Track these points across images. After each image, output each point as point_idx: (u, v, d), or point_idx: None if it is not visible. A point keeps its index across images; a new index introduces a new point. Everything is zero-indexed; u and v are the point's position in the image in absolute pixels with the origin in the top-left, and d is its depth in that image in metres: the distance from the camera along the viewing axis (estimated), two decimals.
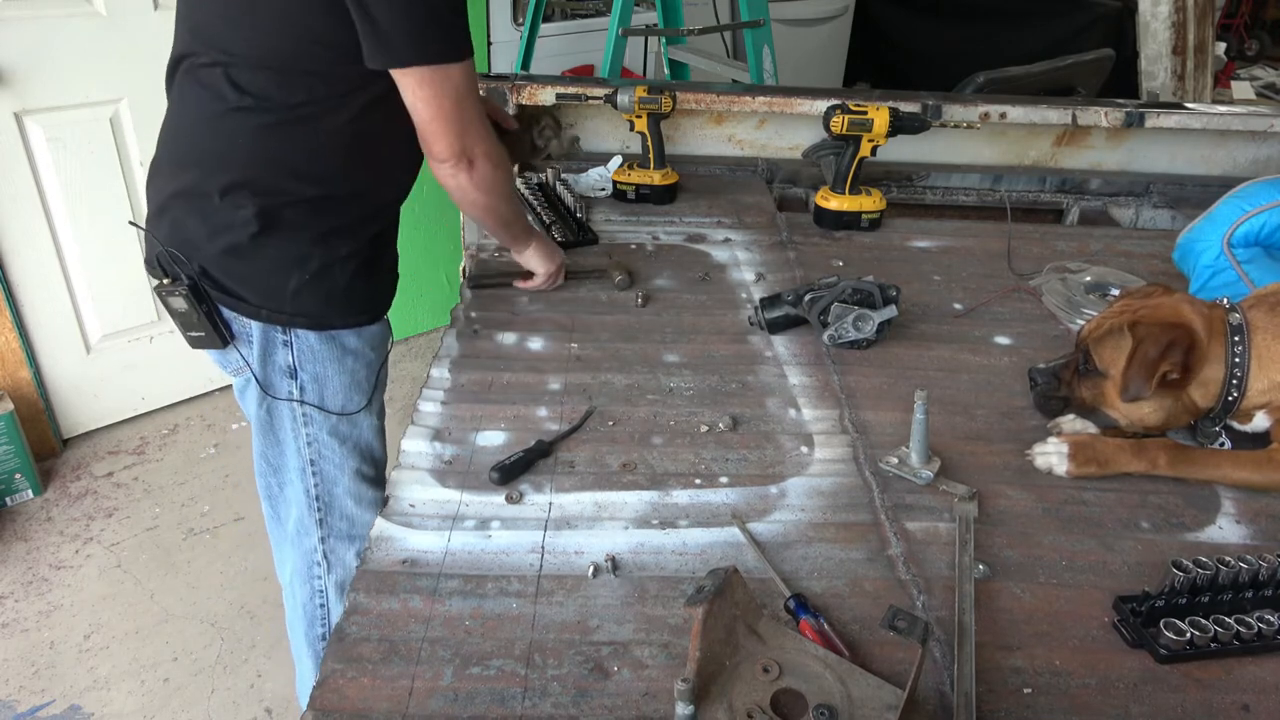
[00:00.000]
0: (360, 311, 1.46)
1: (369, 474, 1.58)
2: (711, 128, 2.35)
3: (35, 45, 2.53)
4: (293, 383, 1.44)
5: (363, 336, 1.48)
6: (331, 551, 1.59)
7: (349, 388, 1.48)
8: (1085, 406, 1.36)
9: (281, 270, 1.36)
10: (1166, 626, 0.99)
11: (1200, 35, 3.85)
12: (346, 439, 1.51)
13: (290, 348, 1.42)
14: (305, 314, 1.40)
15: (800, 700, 0.89)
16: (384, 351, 1.56)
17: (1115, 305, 1.41)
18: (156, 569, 2.57)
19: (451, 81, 1.26)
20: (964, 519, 1.18)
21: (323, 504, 1.55)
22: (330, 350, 1.44)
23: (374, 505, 1.56)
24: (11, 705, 2.16)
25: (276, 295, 1.37)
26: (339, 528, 1.58)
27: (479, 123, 1.34)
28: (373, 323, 1.49)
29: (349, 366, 1.47)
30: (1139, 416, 1.31)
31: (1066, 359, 1.39)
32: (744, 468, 1.27)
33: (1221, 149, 2.37)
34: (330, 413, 1.47)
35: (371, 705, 0.91)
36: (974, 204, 2.34)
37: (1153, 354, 1.24)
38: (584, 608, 1.03)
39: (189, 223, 1.34)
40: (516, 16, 3.52)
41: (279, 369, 1.43)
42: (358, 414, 1.50)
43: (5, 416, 2.67)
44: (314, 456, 1.51)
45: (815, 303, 1.54)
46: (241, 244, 1.32)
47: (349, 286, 1.41)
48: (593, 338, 1.56)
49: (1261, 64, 7.28)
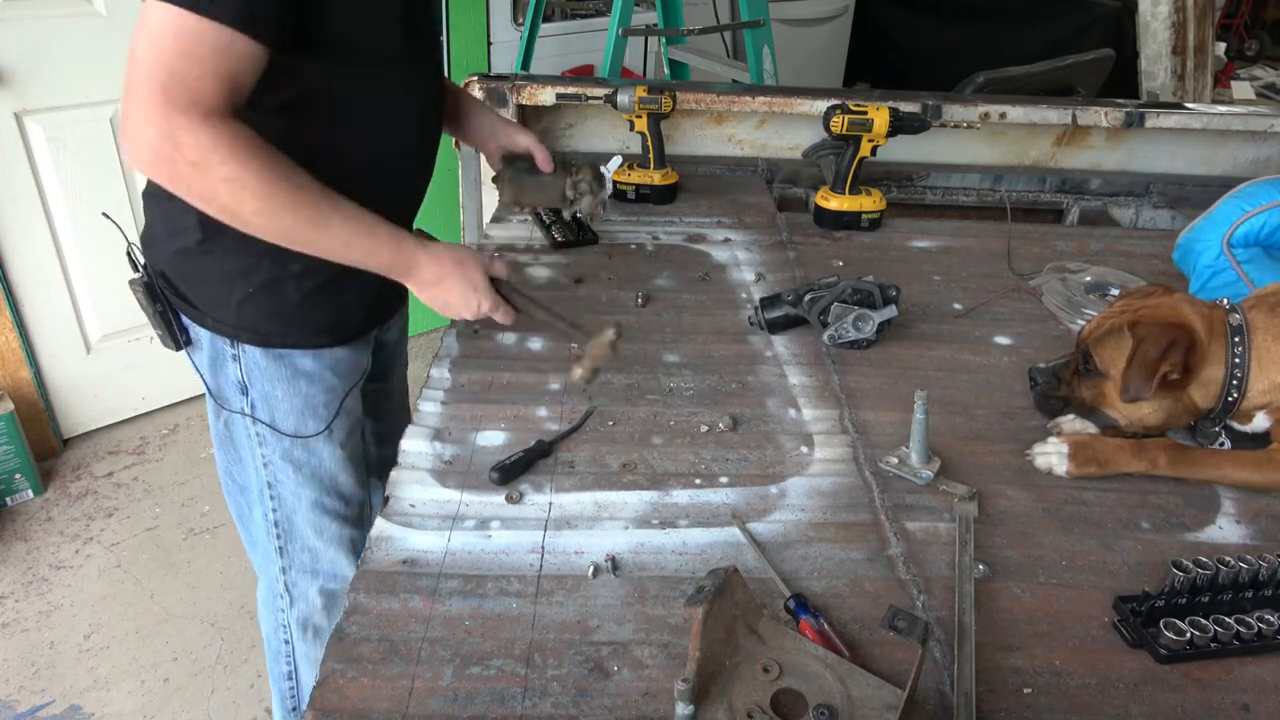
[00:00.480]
0: (317, 332, 1.36)
1: (332, 507, 1.48)
2: (711, 128, 2.35)
3: (35, 45, 2.53)
4: (244, 398, 1.38)
5: (322, 360, 1.38)
6: (293, 584, 1.52)
7: (301, 411, 1.39)
8: (1085, 406, 1.36)
9: (225, 280, 1.29)
10: (1166, 626, 0.99)
11: (1200, 35, 3.85)
12: (302, 465, 1.43)
13: (239, 362, 1.35)
14: (250, 329, 1.32)
15: (800, 700, 0.89)
16: (353, 379, 1.44)
17: (1115, 305, 1.41)
18: (156, 569, 2.57)
19: (157, 23, 1.02)
20: (964, 519, 1.18)
21: (282, 530, 1.48)
22: (279, 370, 1.36)
23: (339, 542, 1.50)
24: (11, 705, 2.16)
25: (220, 306, 1.31)
26: (301, 559, 1.50)
27: (168, 91, 1.03)
28: (336, 345, 1.39)
29: (301, 389, 1.38)
30: (1139, 417, 1.31)
31: (1067, 359, 1.39)
32: (744, 468, 1.27)
33: (1221, 149, 2.37)
34: (283, 434, 1.39)
35: (371, 705, 0.91)
36: (974, 204, 2.34)
37: (1153, 354, 1.24)
38: (584, 608, 1.03)
39: (154, 220, 1.32)
40: (516, 16, 3.52)
41: (230, 382, 1.37)
42: (314, 440, 1.41)
43: (5, 416, 2.67)
44: (270, 479, 1.43)
45: (815, 303, 1.54)
46: (189, 248, 1.27)
47: (303, 305, 1.32)
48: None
49: (1261, 64, 7.28)
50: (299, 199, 1.13)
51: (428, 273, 1.27)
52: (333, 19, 1.14)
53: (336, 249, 1.19)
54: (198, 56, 1.03)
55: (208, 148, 1.05)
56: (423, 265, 1.27)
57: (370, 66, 1.23)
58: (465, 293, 1.31)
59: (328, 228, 1.16)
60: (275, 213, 1.12)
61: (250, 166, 1.08)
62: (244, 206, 1.10)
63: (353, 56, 1.19)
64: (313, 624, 1.55)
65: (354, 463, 1.50)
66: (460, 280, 1.30)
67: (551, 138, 2.37)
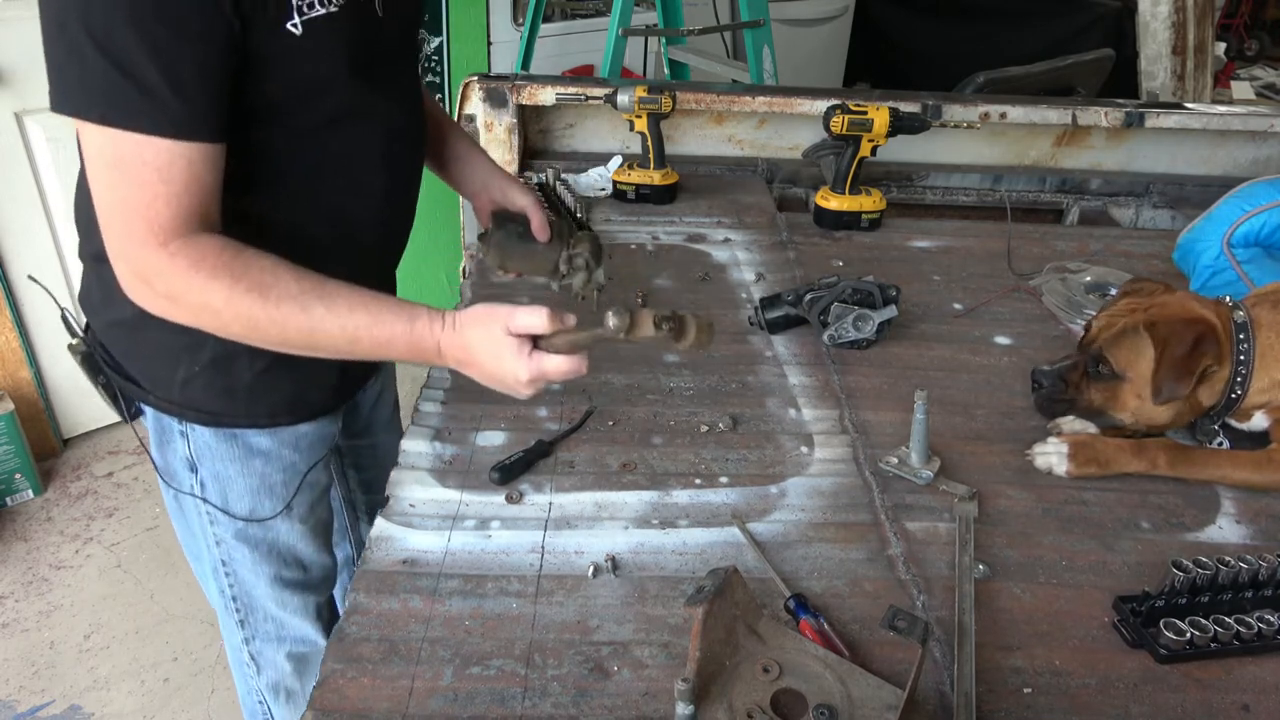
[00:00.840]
0: (274, 413, 1.23)
1: (293, 578, 1.37)
2: (711, 128, 2.35)
3: (35, 45, 2.49)
4: (193, 476, 1.25)
5: (279, 438, 1.25)
6: (259, 654, 1.43)
7: (257, 491, 1.27)
8: (1092, 410, 1.35)
9: (167, 356, 1.16)
10: (1166, 626, 0.99)
11: (1200, 35, 3.84)
12: (259, 544, 1.31)
13: (186, 439, 1.23)
14: (197, 409, 1.20)
15: (800, 700, 0.89)
16: (318, 453, 1.31)
17: (1119, 305, 1.39)
18: (157, 569, 2.57)
19: (95, 147, 0.93)
20: (964, 519, 1.18)
21: (241, 604, 1.37)
22: (230, 450, 1.23)
23: (303, 611, 1.39)
24: (11, 705, 2.16)
25: (162, 384, 1.18)
26: (264, 629, 1.40)
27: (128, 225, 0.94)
28: (297, 424, 1.26)
29: (256, 469, 1.25)
30: (1148, 416, 1.30)
31: (1072, 361, 1.38)
32: (744, 468, 1.27)
33: (1221, 149, 2.37)
34: (235, 517, 1.27)
35: (371, 705, 0.91)
36: (974, 204, 2.34)
37: (1179, 352, 1.23)
38: (584, 608, 1.03)
39: (89, 283, 1.19)
40: (516, 16, 3.52)
41: (178, 458, 1.25)
42: (271, 520, 1.29)
43: (5, 416, 2.67)
44: (224, 557, 1.32)
45: (815, 303, 1.54)
46: (125, 319, 1.13)
47: (256, 383, 1.18)
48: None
49: (1261, 64, 7.28)
50: (286, 309, 0.98)
51: (453, 357, 1.06)
52: (267, 86, 1.00)
53: (342, 348, 1.03)
54: (143, 181, 0.92)
55: (175, 280, 0.96)
56: (446, 350, 1.05)
57: (312, 130, 1.07)
58: (501, 375, 1.06)
59: (325, 331, 1.00)
60: (263, 328, 0.99)
61: (225, 290, 0.96)
62: (229, 329, 1.00)
63: (290, 120, 1.05)
64: (284, 688, 1.47)
65: (317, 532, 1.38)
66: (493, 361, 1.05)
67: (551, 138, 2.37)
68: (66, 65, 0.91)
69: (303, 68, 1.00)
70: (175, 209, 0.94)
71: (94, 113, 0.90)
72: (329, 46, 1.01)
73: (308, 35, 0.97)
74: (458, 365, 1.07)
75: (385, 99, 1.14)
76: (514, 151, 2.19)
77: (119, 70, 0.89)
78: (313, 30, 0.97)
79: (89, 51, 0.88)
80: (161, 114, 0.91)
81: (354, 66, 1.05)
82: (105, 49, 0.88)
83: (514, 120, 2.15)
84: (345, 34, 1.02)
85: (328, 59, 1.02)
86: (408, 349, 1.03)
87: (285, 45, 0.97)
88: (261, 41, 0.95)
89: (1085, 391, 1.35)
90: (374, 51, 1.09)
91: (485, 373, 1.06)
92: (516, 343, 1.03)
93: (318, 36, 0.98)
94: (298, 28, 0.96)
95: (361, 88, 1.08)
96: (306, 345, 1.02)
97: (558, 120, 2.34)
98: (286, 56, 0.98)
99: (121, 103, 0.90)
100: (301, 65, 1.00)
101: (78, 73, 0.90)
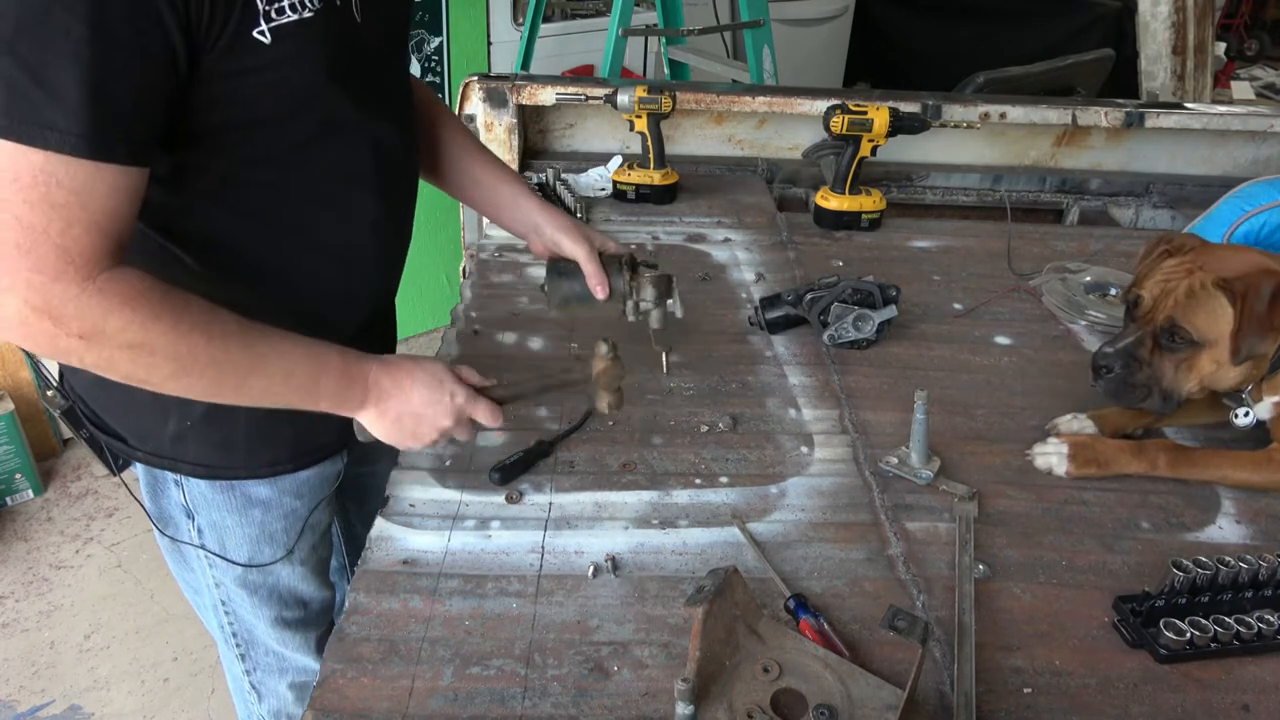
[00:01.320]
0: (274, 461, 1.17)
1: (294, 618, 1.34)
2: (711, 128, 2.35)
3: None
4: (191, 523, 1.20)
5: (279, 485, 1.19)
6: (260, 684, 1.40)
7: (256, 540, 1.22)
8: (1167, 387, 1.27)
9: (156, 412, 1.08)
10: (1166, 626, 0.99)
11: (1200, 35, 3.84)
12: (259, 589, 1.27)
13: (182, 488, 1.17)
14: (190, 461, 1.14)
15: (800, 700, 0.89)
16: (320, 494, 1.25)
17: (1168, 265, 1.29)
18: (157, 569, 2.57)
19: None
20: (964, 519, 1.18)
21: (241, 640, 1.34)
22: (228, 500, 1.18)
23: (305, 647, 1.36)
24: (11, 705, 2.16)
25: (153, 439, 1.12)
26: (265, 662, 1.37)
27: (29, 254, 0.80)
28: (300, 470, 1.20)
29: (256, 519, 1.20)
30: (1217, 380, 1.25)
31: (1137, 335, 1.27)
32: (744, 468, 1.27)
33: (1221, 149, 2.37)
34: (235, 564, 1.23)
35: (371, 705, 0.91)
36: (974, 204, 2.34)
37: (1259, 308, 1.17)
38: (584, 608, 1.03)
39: None
40: (516, 16, 3.52)
41: (175, 505, 1.19)
42: (272, 565, 1.25)
43: (6, 416, 2.67)
44: (224, 598, 1.29)
45: (815, 303, 1.54)
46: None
47: (256, 432, 1.13)
48: (593, 337, 1.56)
49: (1261, 64, 7.29)
50: (229, 347, 0.91)
51: (384, 385, 1.02)
52: (234, 105, 0.91)
53: (273, 389, 0.96)
54: (57, 204, 0.80)
55: (98, 317, 0.83)
56: (375, 378, 1.02)
57: (292, 149, 0.99)
58: (435, 400, 1.04)
59: (264, 370, 0.94)
60: (195, 371, 0.90)
61: (156, 326, 0.86)
62: (154, 373, 0.89)
63: (265, 141, 0.96)
64: (286, 714, 1.45)
65: (317, 571, 1.34)
66: (427, 387, 1.04)
67: (551, 138, 2.37)
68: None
69: (273, 79, 0.92)
70: (98, 238, 0.83)
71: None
72: (303, 54, 0.92)
73: (277, 43, 0.89)
74: (379, 399, 1.02)
75: (370, 115, 1.06)
76: (514, 151, 2.19)
77: (27, 75, 0.77)
78: (282, 37, 0.89)
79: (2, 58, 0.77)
80: (75, 128, 0.79)
81: (332, 74, 0.97)
82: (12, 49, 0.76)
83: (514, 120, 2.15)
84: (321, 40, 0.94)
85: (301, 68, 0.93)
86: (339, 378, 0.99)
87: (253, 57, 0.88)
88: (220, 59, 0.87)
89: (1159, 366, 1.26)
90: (354, 60, 1.01)
91: (411, 401, 1.03)
92: (454, 375, 1.05)
93: (289, 44, 0.90)
94: (266, 35, 0.88)
95: (342, 100, 1.00)
96: (234, 388, 0.94)
97: (558, 120, 2.35)
98: (255, 69, 0.90)
99: (28, 113, 0.77)
100: (271, 77, 0.91)
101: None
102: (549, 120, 2.34)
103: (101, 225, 0.83)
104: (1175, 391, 1.27)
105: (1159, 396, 1.28)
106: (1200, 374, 1.25)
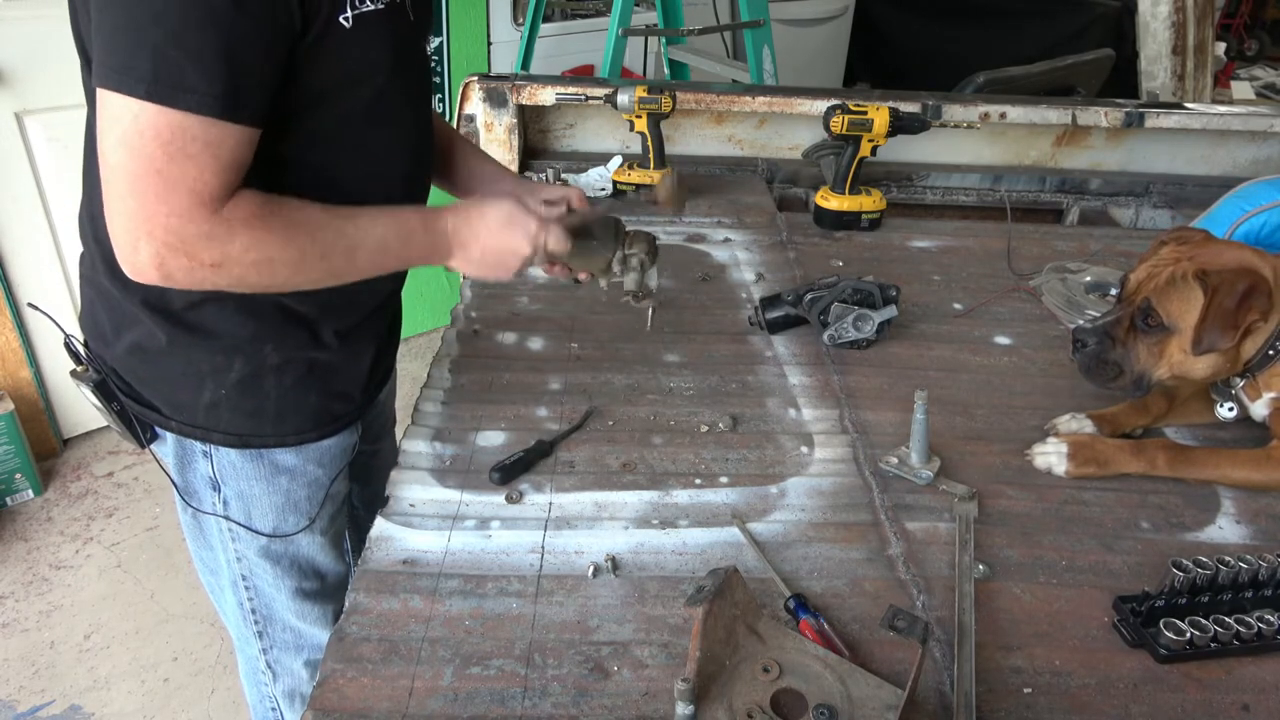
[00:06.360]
0: (300, 430, 1.23)
1: (313, 589, 1.38)
2: (711, 128, 2.35)
3: (35, 45, 2.53)
4: (216, 495, 1.24)
5: (304, 454, 1.25)
6: (276, 662, 1.43)
7: (282, 509, 1.27)
8: (1138, 371, 1.29)
9: (191, 381, 1.14)
10: (1166, 626, 0.99)
11: (1200, 35, 3.84)
12: (281, 558, 1.31)
13: (210, 459, 1.22)
14: (223, 430, 1.18)
15: (800, 700, 0.89)
16: (341, 463, 1.31)
17: (1162, 253, 1.32)
18: (156, 569, 2.57)
19: (125, 122, 0.89)
20: (964, 519, 1.18)
21: (260, 617, 1.37)
22: (257, 469, 1.23)
23: (321, 620, 1.40)
24: (11, 705, 2.16)
25: (186, 409, 1.17)
26: (283, 638, 1.40)
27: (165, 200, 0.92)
28: (323, 438, 1.26)
29: (282, 487, 1.25)
30: (1186, 370, 1.26)
31: (1116, 315, 1.31)
32: (744, 468, 1.27)
33: (1221, 149, 2.37)
34: (260, 534, 1.27)
35: (371, 705, 0.91)
36: (974, 204, 2.34)
37: (1228, 304, 1.19)
38: (584, 608, 1.03)
39: (96, 311, 1.16)
40: (516, 16, 3.52)
41: (200, 478, 1.23)
42: (295, 535, 1.30)
43: (5, 416, 2.67)
44: (245, 572, 1.32)
45: (815, 303, 1.54)
46: (144, 347, 1.12)
47: (284, 400, 1.18)
48: (593, 337, 1.56)
49: (1261, 64, 7.28)
50: (326, 237, 1.03)
51: (462, 233, 1.13)
52: (317, 73, 1.02)
53: (376, 260, 1.08)
54: (191, 155, 0.91)
55: (225, 244, 0.96)
56: (454, 225, 1.13)
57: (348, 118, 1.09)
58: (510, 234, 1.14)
59: (363, 245, 1.06)
60: (310, 266, 1.03)
61: (273, 241, 0.99)
62: (277, 278, 1.02)
63: (332, 107, 1.07)
64: (300, 694, 1.48)
65: (335, 542, 1.40)
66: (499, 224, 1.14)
67: (551, 138, 2.37)
68: (116, 36, 0.89)
69: (343, 60, 1.03)
70: (224, 180, 0.95)
71: (141, 88, 0.88)
72: (373, 40, 1.05)
73: (356, 27, 1.01)
74: (461, 245, 1.13)
75: (413, 106, 1.18)
76: (514, 151, 2.19)
77: (174, 43, 0.87)
78: (361, 24, 1.01)
79: (146, 24, 0.87)
80: (210, 92, 0.90)
81: (392, 62, 1.09)
82: (162, 19, 0.87)
83: (514, 120, 2.15)
84: (389, 31, 1.07)
85: (372, 50, 1.06)
86: (424, 235, 1.11)
87: (334, 38, 1.00)
88: (318, 32, 0.98)
89: (1133, 348, 1.28)
90: (409, 53, 1.15)
91: (488, 239, 1.14)
92: (523, 207, 1.15)
93: (363, 31, 1.02)
94: (349, 21, 1.00)
95: (395, 88, 1.11)
96: (343, 269, 1.06)
97: (558, 120, 2.35)
98: (334, 49, 1.01)
99: (172, 77, 0.88)
100: (343, 57, 1.03)
101: (129, 44, 0.88)
102: (549, 120, 2.34)
103: (227, 169, 0.95)
104: (1145, 375, 1.29)
105: (1130, 378, 1.30)
106: (1169, 361, 1.27)
